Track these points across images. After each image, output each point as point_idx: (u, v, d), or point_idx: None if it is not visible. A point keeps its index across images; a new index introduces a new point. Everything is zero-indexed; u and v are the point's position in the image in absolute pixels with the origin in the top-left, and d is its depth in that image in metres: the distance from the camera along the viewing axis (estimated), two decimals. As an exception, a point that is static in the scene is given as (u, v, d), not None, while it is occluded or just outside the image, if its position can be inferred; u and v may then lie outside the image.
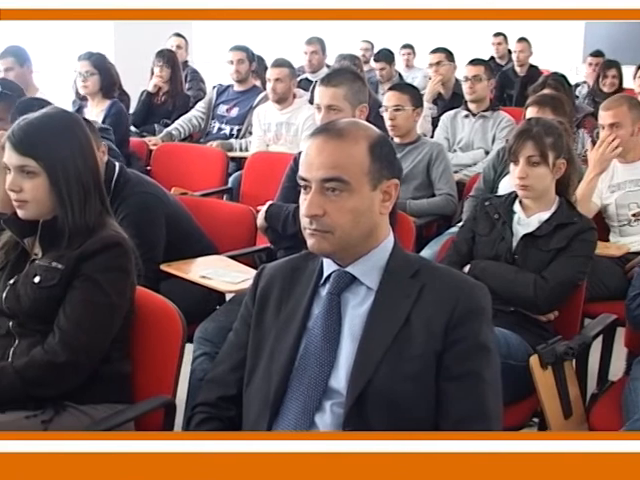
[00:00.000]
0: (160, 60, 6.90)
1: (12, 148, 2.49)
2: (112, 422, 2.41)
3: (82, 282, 2.45)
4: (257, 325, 2.19)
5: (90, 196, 2.53)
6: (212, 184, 5.37)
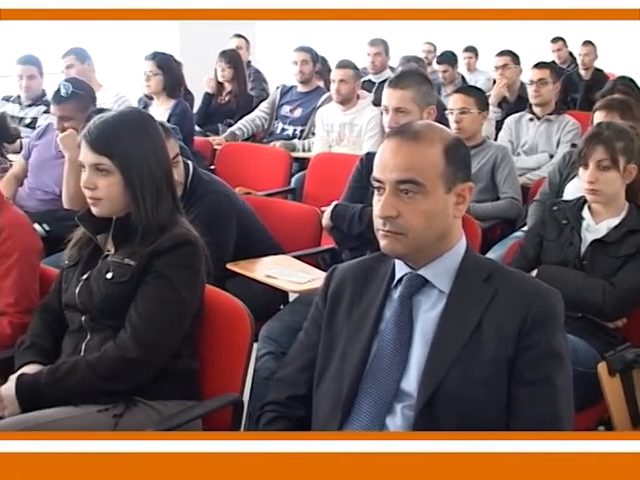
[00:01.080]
0: (223, 60, 6.94)
1: (88, 146, 2.53)
2: (181, 419, 2.43)
3: (154, 279, 2.48)
4: (328, 325, 2.20)
5: (162, 194, 2.56)
6: (275, 184, 5.39)
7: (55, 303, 2.71)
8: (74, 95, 4.23)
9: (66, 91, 4.22)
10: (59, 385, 2.43)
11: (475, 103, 4.73)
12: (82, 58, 6.08)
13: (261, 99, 7.14)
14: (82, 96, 4.26)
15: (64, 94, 4.23)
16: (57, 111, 4.28)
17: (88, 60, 6.12)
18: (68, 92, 4.22)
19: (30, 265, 2.90)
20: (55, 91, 4.31)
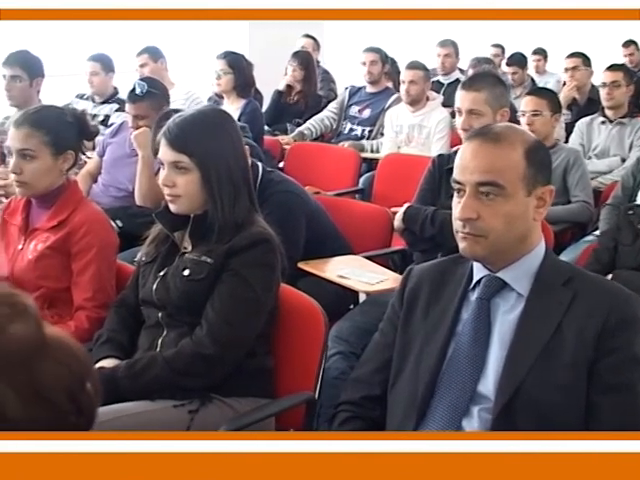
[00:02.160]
0: (295, 61, 6.97)
1: (167, 144, 2.56)
2: (255, 416, 2.45)
3: (230, 277, 2.50)
4: (404, 326, 2.19)
5: (240, 193, 2.58)
6: (344, 184, 5.39)
7: (131, 299, 2.74)
8: (149, 94, 4.29)
9: (141, 90, 4.28)
10: (136, 379, 2.46)
11: (547, 105, 4.68)
12: (156, 57, 6.18)
13: (329, 99, 7.16)
14: (156, 95, 4.31)
15: (139, 93, 4.29)
16: (132, 110, 4.34)
17: (161, 59, 6.21)
18: (143, 91, 4.28)
19: (107, 260, 2.95)
20: (130, 90, 4.37)
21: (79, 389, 0.98)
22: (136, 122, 4.31)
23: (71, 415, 0.97)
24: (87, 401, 1.00)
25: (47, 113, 2.97)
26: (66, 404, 0.96)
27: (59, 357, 0.98)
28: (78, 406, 0.98)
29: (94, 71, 6.17)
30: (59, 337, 1.00)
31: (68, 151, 2.94)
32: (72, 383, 0.98)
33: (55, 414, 0.95)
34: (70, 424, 0.98)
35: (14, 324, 0.95)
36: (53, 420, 0.95)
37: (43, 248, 2.92)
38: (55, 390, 0.95)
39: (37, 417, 0.94)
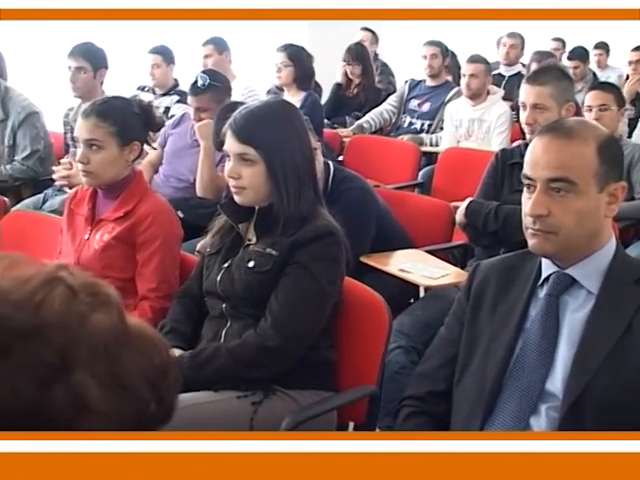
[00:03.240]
0: (349, 57, 6.96)
1: (233, 136, 2.56)
2: (318, 409, 2.46)
3: (295, 269, 2.50)
4: (471, 322, 2.17)
5: (305, 185, 2.58)
6: (403, 178, 5.37)
7: (195, 289, 2.76)
8: (210, 87, 4.30)
9: (203, 83, 4.29)
10: (200, 370, 2.47)
11: (614, 99, 4.62)
12: (221, 49, 6.21)
13: (388, 92, 7.12)
14: (218, 88, 4.33)
15: (201, 86, 4.31)
16: (194, 102, 4.36)
17: (226, 51, 6.25)
18: (205, 84, 4.30)
19: (171, 251, 2.97)
20: (192, 83, 4.39)
21: (160, 379, 0.98)
22: (198, 114, 4.32)
23: (152, 404, 0.97)
24: (168, 391, 1.00)
25: (114, 104, 2.99)
26: (148, 393, 0.96)
27: (141, 347, 0.98)
28: (159, 396, 0.98)
29: (156, 63, 6.21)
30: (141, 327, 1.00)
31: (134, 142, 2.96)
32: (153, 373, 0.98)
33: (137, 403, 0.95)
34: (151, 414, 0.98)
35: (97, 313, 0.95)
36: (135, 410, 0.95)
37: (109, 238, 2.95)
38: (137, 379, 0.95)
39: (119, 407, 0.94)
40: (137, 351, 0.97)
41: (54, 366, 0.89)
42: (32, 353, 0.89)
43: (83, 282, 0.97)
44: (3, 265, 0.97)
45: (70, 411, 0.90)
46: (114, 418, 0.94)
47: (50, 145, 5.19)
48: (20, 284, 0.94)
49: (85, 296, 0.95)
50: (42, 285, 0.94)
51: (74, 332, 0.92)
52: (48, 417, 0.89)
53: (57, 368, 0.90)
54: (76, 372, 0.91)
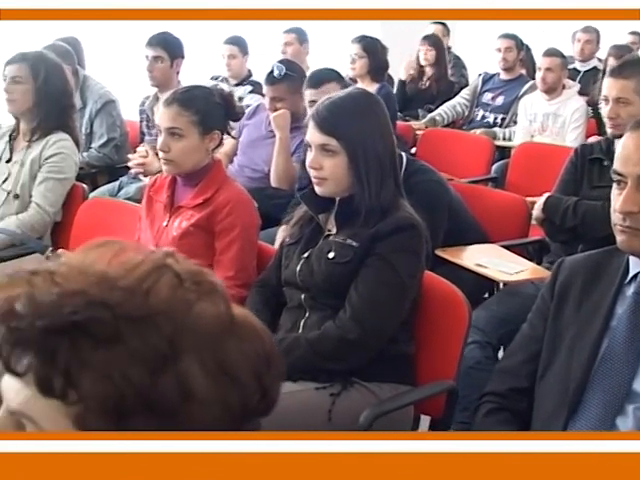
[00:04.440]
0: (426, 43, 6.92)
1: (315, 126, 2.55)
2: (396, 403, 2.44)
3: (375, 261, 2.49)
4: (555, 319, 2.14)
5: (386, 177, 2.56)
6: (477, 172, 5.31)
7: (273, 279, 2.76)
8: (287, 77, 4.30)
9: (279, 72, 4.30)
10: None
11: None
12: (302, 39, 6.29)
13: (461, 86, 7.07)
14: (294, 78, 4.33)
15: (277, 75, 4.31)
16: (269, 92, 4.36)
17: (306, 43, 6.29)
18: (281, 74, 4.30)
19: (249, 240, 2.97)
20: (269, 72, 4.40)
21: (265, 369, 0.98)
22: (273, 104, 4.33)
23: (256, 396, 0.97)
24: (272, 382, 0.99)
25: (196, 93, 3.00)
26: (252, 384, 0.96)
27: (246, 337, 0.97)
28: (263, 387, 0.97)
29: (231, 54, 6.23)
30: (246, 317, 1.00)
31: (215, 131, 2.97)
32: (258, 363, 0.97)
33: (241, 394, 0.95)
34: (254, 405, 0.97)
35: (203, 302, 0.94)
36: (239, 400, 0.95)
37: (187, 226, 2.96)
38: (242, 369, 0.95)
39: (224, 397, 0.93)
40: (242, 341, 0.96)
41: (163, 353, 0.89)
42: (142, 340, 0.89)
43: (189, 270, 0.97)
44: (111, 251, 0.97)
45: (177, 399, 0.90)
46: (219, 408, 0.93)
47: (126, 133, 5.25)
48: (128, 271, 0.94)
49: (191, 284, 0.95)
50: (150, 272, 0.94)
51: (182, 320, 0.92)
52: (156, 404, 0.89)
53: (166, 355, 0.89)
54: (183, 360, 0.90)
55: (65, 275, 0.93)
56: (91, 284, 0.91)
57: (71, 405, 0.89)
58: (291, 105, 4.34)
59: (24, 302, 0.90)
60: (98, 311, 0.89)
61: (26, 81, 3.71)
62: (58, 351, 0.88)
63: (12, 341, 0.90)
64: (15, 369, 0.91)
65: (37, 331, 0.88)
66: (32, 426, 0.92)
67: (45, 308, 0.89)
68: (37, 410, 0.91)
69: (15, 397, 0.92)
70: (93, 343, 0.88)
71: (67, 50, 4.93)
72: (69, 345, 0.88)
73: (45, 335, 0.88)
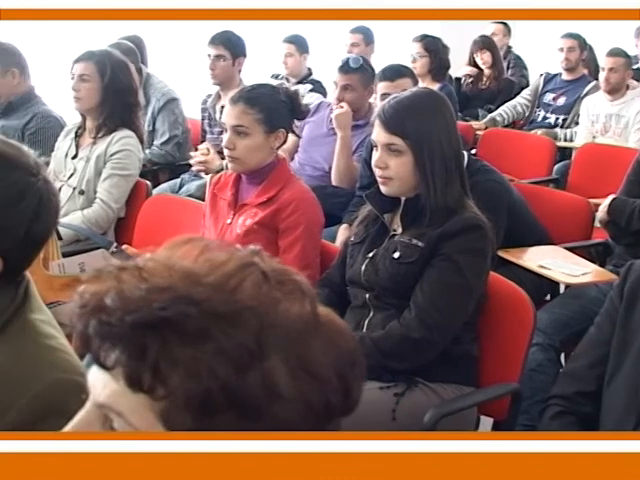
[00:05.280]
0: (477, 46, 6.89)
1: (381, 126, 2.56)
2: (460, 404, 2.44)
3: (441, 261, 2.48)
4: (624, 322, 2.11)
5: (452, 177, 2.55)
6: (538, 173, 5.27)
7: (336, 278, 2.76)
8: (362, 69, 4.32)
9: (355, 63, 4.32)
10: None
11: None
12: (368, 40, 6.32)
13: (521, 86, 7.03)
14: (368, 73, 4.35)
15: (353, 65, 4.34)
16: (342, 80, 4.37)
17: (372, 44, 6.32)
18: (357, 64, 4.32)
19: (313, 238, 2.98)
20: (344, 62, 4.42)
21: (348, 369, 0.98)
22: (342, 93, 4.34)
23: (339, 395, 0.97)
24: (354, 382, 0.99)
25: (262, 91, 3.02)
26: (336, 383, 0.96)
27: (331, 336, 0.97)
28: (346, 386, 0.97)
29: (289, 52, 6.26)
30: (330, 316, 1.00)
31: (280, 129, 2.98)
32: (342, 363, 0.97)
33: (325, 393, 0.95)
34: (337, 405, 0.97)
35: (289, 300, 0.95)
36: (322, 399, 0.95)
37: (251, 223, 2.98)
38: (326, 368, 0.95)
39: (307, 395, 0.93)
40: (327, 340, 0.96)
41: (250, 351, 0.89)
42: (229, 337, 0.89)
43: (275, 268, 0.98)
44: (197, 248, 0.97)
45: (262, 397, 0.90)
46: (302, 407, 0.93)
47: (187, 131, 5.30)
48: (215, 267, 0.94)
49: (277, 282, 0.96)
50: (237, 269, 0.94)
51: (268, 318, 0.92)
52: (241, 402, 0.90)
53: (253, 353, 0.90)
54: (269, 358, 0.90)
55: (152, 271, 0.94)
56: (178, 280, 0.92)
57: (158, 400, 0.90)
58: (358, 98, 4.35)
59: (113, 297, 0.91)
60: (186, 307, 0.89)
61: (93, 79, 3.76)
62: (147, 346, 0.89)
63: (102, 335, 0.91)
64: (104, 363, 0.92)
65: (127, 326, 0.89)
66: (119, 420, 0.93)
67: (134, 303, 0.90)
68: (124, 404, 0.92)
69: (102, 390, 0.94)
70: (181, 339, 0.89)
71: (131, 48, 4.97)
72: (158, 340, 0.89)
73: (135, 330, 0.89)
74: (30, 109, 4.44)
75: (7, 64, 4.42)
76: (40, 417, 1.52)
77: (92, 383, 0.96)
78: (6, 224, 1.57)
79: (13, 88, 4.44)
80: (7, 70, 4.41)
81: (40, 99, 4.57)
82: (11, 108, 4.46)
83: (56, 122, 4.45)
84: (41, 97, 4.59)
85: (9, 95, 4.45)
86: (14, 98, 4.45)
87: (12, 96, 4.44)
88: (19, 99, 4.46)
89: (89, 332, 0.92)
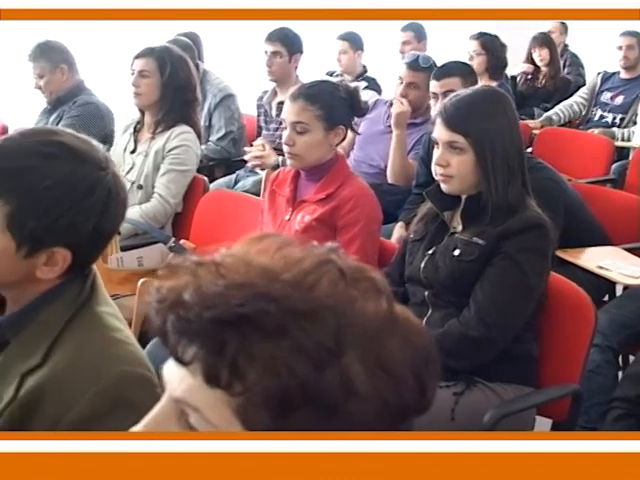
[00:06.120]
0: (536, 43, 6.84)
1: (443, 124, 2.54)
2: (521, 405, 2.42)
3: (501, 260, 2.46)
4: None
5: (514, 175, 2.54)
6: (595, 172, 5.21)
7: (395, 275, 2.75)
8: (431, 68, 4.28)
9: (425, 62, 4.31)
10: None
11: None
12: (420, 37, 6.31)
13: (577, 84, 6.95)
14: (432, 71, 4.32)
15: (423, 64, 4.33)
16: (409, 77, 4.35)
17: (424, 40, 6.29)
18: (427, 64, 4.31)
19: (372, 235, 2.97)
20: (413, 59, 4.40)
21: (424, 368, 0.97)
22: (407, 90, 4.32)
23: (414, 394, 0.96)
24: (429, 381, 0.99)
25: (322, 88, 3.01)
26: (411, 382, 0.95)
27: (407, 334, 0.97)
28: (421, 385, 0.97)
29: (343, 49, 6.25)
30: (405, 314, 1.00)
31: (339, 126, 2.98)
32: (417, 361, 0.96)
33: (400, 391, 0.94)
34: (412, 403, 0.96)
35: (366, 298, 0.94)
36: (398, 397, 0.94)
37: (310, 220, 2.98)
38: (402, 367, 0.94)
39: (383, 393, 0.93)
40: (403, 338, 0.96)
41: (328, 348, 0.89)
42: (308, 334, 0.89)
43: (352, 266, 0.97)
44: (274, 245, 0.97)
45: (340, 395, 0.90)
46: (378, 405, 0.93)
47: (243, 127, 5.32)
48: (292, 264, 0.94)
49: (354, 280, 0.95)
50: (314, 267, 0.94)
51: (345, 315, 0.91)
52: (319, 399, 0.89)
53: (331, 351, 0.89)
54: (347, 356, 0.90)
55: (230, 267, 0.94)
56: (255, 277, 0.92)
57: (235, 396, 0.90)
58: (421, 97, 4.34)
59: (191, 292, 0.91)
60: (264, 304, 0.89)
61: (153, 75, 3.78)
62: (226, 342, 0.89)
63: (180, 330, 0.92)
64: (182, 358, 0.92)
65: (205, 322, 0.89)
66: (195, 415, 0.93)
67: (212, 299, 0.90)
68: (201, 399, 0.92)
69: (179, 385, 0.94)
70: (260, 336, 0.89)
71: (188, 44, 5.00)
72: (237, 337, 0.89)
73: (213, 326, 0.89)
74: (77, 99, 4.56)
75: (56, 61, 4.57)
76: (106, 410, 1.54)
77: (168, 378, 0.96)
78: (76, 218, 1.58)
79: (62, 84, 4.59)
80: (56, 67, 4.56)
81: (89, 91, 4.68)
82: (59, 102, 4.58)
83: (96, 109, 4.56)
84: (90, 89, 4.68)
85: (58, 91, 4.58)
86: (62, 93, 4.55)
87: (60, 91, 4.54)
88: (67, 93, 4.59)
89: (167, 327, 0.93)
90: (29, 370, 1.56)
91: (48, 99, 4.64)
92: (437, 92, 3.97)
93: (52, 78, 4.55)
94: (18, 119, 5.21)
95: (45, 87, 4.58)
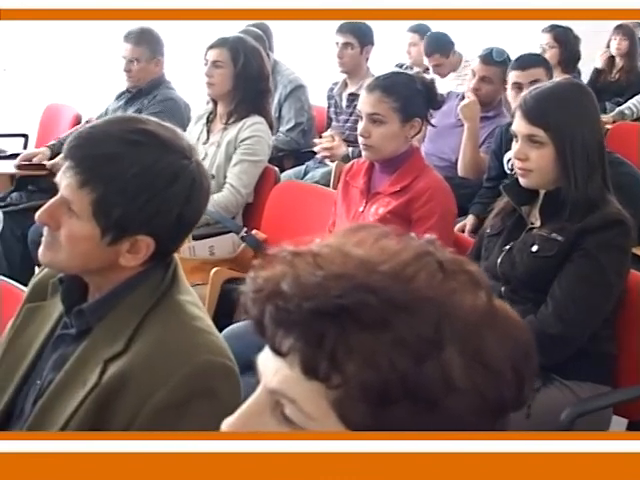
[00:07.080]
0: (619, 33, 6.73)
1: (522, 117, 2.51)
2: (599, 403, 2.39)
3: (581, 257, 2.43)
4: None
5: (594, 170, 2.49)
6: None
7: (473, 270, 2.71)
8: (504, 63, 4.25)
9: (499, 56, 4.28)
10: None
11: None
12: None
13: (651, 79, 6.83)
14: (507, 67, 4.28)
15: (496, 57, 4.31)
16: (482, 71, 4.34)
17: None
18: (501, 57, 4.29)
19: (447, 228, 2.95)
20: (487, 52, 4.39)
21: (523, 363, 0.96)
22: (479, 84, 4.30)
23: (512, 388, 0.94)
24: (528, 377, 0.97)
25: (398, 79, 2.99)
26: (510, 377, 0.94)
27: (506, 329, 0.95)
28: (520, 381, 0.95)
29: (413, 42, 6.22)
30: (504, 308, 0.98)
31: (415, 118, 2.96)
32: (516, 357, 0.95)
33: (498, 386, 0.93)
34: (510, 399, 0.95)
35: (466, 291, 0.93)
36: (496, 392, 0.93)
37: (384, 212, 2.96)
38: (501, 361, 0.93)
39: (481, 388, 0.91)
40: (502, 332, 0.94)
41: (429, 341, 0.88)
42: (408, 326, 0.88)
43: (451, 259, 0.96)
44: (372, 236, 0.96)
45: (439, 389, 0.89)
46: (476, 400, 0.91)
47: (312, 118, 5.31)
48: (390, 256, 0.93)
49: (453, 272, 0.94)
50: (413, 259, 0.93)
51: (445, 308, 0.90)
52: (418, 393, 0.88)
53: (431, 344, 0.88)
54: (447, 349, 0.89)
55: (327, 257, 0.93)
56: (353, 268, 0.91)
57: (332, 389, 0.89)
58: (493, 91, 4.32)
59: (290, 283, 0.90)
60: (364, 295, 0.88)
61: (226, 65, 3.79)
62: (325, 334, 0.88)
63: (278, 321, 0.91)
64: (279, 349, 0.91)
65: (305, 313, 0.88)
66: (291, 406, 0.92)
67: (311, 290, 0.89)
68: (298, 391, 0.91)
69: (274, 377, 0.93)
70: (360, 328, 0.88)
71: (259, 35, 5.00)
72: (336, 328, 0.88)
73: (312, 317, 0.88)
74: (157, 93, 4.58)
75: (156, 52, 4.62)
76: (186, 398, 1.54)
77: (262, 369, 0.96)
78: (160, 206, 1.59)
79: (151, 74, 4.62)
80: (154, 57, 4.61)
81: (168, 84, 4.69)
82: (140, 93, 4.61)
83: (175, 105, 4.56)
84: (170, 82, 4.70)
85: (145, 80, 4.62)
86: (145, 84, 4.58)
87: (146, 81, 4.57)
88: (149, 85, 4.61)
89: (264, 317, 0.92)
90: (112, 357, 1.58)
91: (130, 85, 4.66)
92: (522, 82, 3.92)
93: (146, 66, 4.58)
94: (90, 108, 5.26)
95: (136, 72, 4.60)
